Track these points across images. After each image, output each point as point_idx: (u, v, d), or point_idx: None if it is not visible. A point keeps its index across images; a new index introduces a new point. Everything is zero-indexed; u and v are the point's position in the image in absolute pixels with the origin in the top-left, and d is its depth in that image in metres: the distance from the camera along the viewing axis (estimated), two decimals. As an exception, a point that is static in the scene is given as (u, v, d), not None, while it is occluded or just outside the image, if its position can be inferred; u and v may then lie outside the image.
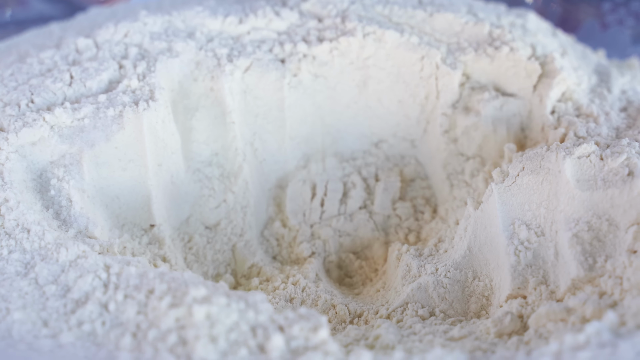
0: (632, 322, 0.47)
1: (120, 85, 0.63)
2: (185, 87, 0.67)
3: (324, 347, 0.46)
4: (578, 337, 0.45)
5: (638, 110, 0.64)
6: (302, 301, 0.61)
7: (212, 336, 0.45)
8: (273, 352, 0.45)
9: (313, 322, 0.47)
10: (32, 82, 0.63)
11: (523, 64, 0.66)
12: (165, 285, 0.49)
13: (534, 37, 0.69)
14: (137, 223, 0.63)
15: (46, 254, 0.52)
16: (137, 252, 0.60)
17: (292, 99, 0.69)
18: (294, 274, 0.64)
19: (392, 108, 0.72)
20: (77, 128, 0.60)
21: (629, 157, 0.55)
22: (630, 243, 0.52)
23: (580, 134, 0.60)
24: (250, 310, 0.47)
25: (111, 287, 0.49)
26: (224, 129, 0.68)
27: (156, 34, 0.69)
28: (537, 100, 0.66)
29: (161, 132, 0.64)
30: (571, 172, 0.56)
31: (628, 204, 0.53)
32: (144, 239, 0.62)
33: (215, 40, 0.69)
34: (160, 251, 0.62)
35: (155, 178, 0.64)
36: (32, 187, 0.59)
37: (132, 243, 0.61)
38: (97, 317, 0.48)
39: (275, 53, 0.69)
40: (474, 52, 0.68)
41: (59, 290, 0.50)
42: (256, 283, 0.64)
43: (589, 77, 0.68)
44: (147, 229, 0.63)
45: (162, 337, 0.45)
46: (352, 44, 0.69)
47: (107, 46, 0.67)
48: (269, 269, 0.66)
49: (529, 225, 0.57)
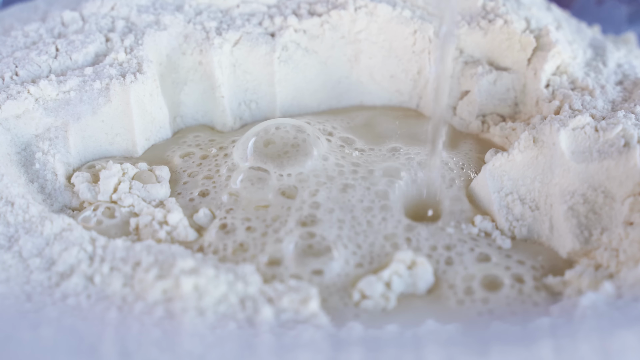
0: (628, 294, 0.46)
1: (107, 58, 0.62)
2: (174, 60, 0.66)
3: (314, 320, 0.45)
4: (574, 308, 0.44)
5: (634, 84, 0.63)
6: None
7: (200, 309, 0.44)
8: (262, 326, 0.44)
9: (303, 293, 0.46)
10: (17, 55, 0.62)
11: (517, 37, 0.65)
12: (152, 257, 0.48)
13: (528, 10, 0.68)
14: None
15: (30, 227, 0.51)
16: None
17: (282, 74, 0.68)
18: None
19: (385, 83, 0.70)
20: (63, 101, 0.59)
21: (624, 128, 0.54)
22: (627, 215, 0.51)
23: (575, 107, 0.59)
24: (239, 282, 0.46)
25: (97, 260, 0.48)
26: (213, 103, 0.67)
27: (144, 7, 0.68)
28: (531, 74, 0.65)
29: (149, 105, 0.63)
30: (566, 144, 0.55)
31: (624, 175, 0.52)
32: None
33: (204, 13, 0.68)
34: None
35: (142, 152, 0.63)
36: (16, 161, 0.58)
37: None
38: (82, 290, 0.47)
39: (265, 26, 0.67)
40: (467, 25, 0.67)
41: (43, 263, 0.49)
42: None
43: (584, 50, 0.67)
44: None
45: (149, 311, 0.44)
46: (344, 17, 0.68)
47: (94, 19, 0.66)
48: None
49: (524, 200, 0.57)
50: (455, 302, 0.50)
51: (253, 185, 0.58)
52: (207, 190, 0.59)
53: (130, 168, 0.58)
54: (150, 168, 0.60)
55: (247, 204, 0.57)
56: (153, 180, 0.59)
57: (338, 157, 0.60)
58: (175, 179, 0.60)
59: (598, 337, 0.40)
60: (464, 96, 0.67)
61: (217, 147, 0.63)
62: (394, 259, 0.51)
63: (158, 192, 0.58)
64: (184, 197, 0.58)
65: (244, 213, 0.56)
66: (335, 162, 0.60)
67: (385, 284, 0.50)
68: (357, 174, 0.59)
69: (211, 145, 0.64)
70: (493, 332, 0.45)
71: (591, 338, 0.40)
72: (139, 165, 0.60)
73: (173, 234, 0.54)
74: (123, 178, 0.57)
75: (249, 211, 0.56)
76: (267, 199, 0.57)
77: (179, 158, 0.62)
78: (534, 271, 0.52)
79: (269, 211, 0.56)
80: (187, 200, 0.58)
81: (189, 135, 0.66)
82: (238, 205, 0.57)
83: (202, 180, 0.60)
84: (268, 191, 0.57)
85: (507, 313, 0.49)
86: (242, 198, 0.57)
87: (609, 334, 0.41)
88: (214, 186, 0.59)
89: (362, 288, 0.50)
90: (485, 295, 0.50)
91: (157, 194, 0.58)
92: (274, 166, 0.58)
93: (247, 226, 0.55)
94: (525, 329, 0.44)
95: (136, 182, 0.58)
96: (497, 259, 0.53)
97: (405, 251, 0.51)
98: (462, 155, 0.63)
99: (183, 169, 0.61)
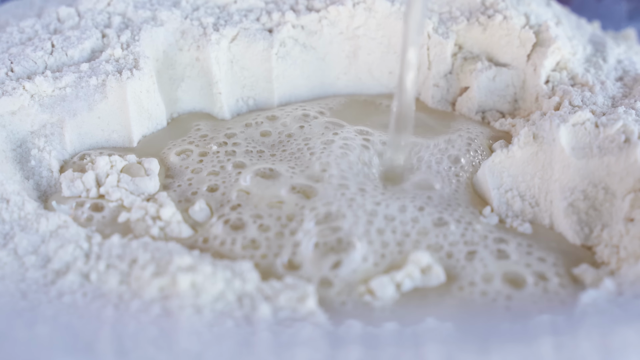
0: (629, 291, 0.46)
1: (104, 54, 0.61)
2: (171, 56, 0.65)
3: (312, 318, 0.45)
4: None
5: (634, 80, 0.63)
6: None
7: (197, 306, 0.44)
8: (260, 323, 0.43)
9: (300, 291, 0.46)
10: (12, 51, 0.61)
11: (517, 33, 0.65)
12: (149, 254, 0.47)
13: (527, 6, 0.67)
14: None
15: (26, 224, 0.51)
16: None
17: (279, 70, 0.67)
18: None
19: (383, 79, 0.70)
20: (59, 97, 0.59)
21: (625, 123, 0.53)
22: (627, 211, 0.51)
23: (575, 103, 0.58)
24: (236, 279, 0.45)
25: (93, 257, 0.48)
26: (211, 99, 0.66)
27: (140, 3, 0.67)
28: (531, 70, 0.64)
29: (145, 102, 0.62)
30: (566, 140, 0.54)
31: (625, 171, 0.52)
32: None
33: (201, 9, 0.67)
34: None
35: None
36: (11, 158, 0.57)
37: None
38: (78, 288, 0.46)
39: (263, 22, 0.67)
40: (467, 21, 0.66)
41: (38, 260, 0.48)
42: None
43: (584, 46, 0.67)
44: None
45: (146, 308, 0.44)
46: (342, 13, 0.67)
47: (90, 15, 0.66)
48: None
49: (523, 197, 0.56)
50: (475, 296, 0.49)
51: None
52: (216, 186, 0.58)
53: (119, 160, 0.57)
54: (139, 160, 0.58)
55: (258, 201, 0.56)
56: (142, 173, 0.57)
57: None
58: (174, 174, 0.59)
59: (599, 334, 0.40)
60: (463, 92, 0.67)
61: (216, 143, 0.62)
62: (408, 259, 0.50)
63: (147, 186, 0.56)
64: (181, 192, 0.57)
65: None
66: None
67: (396, 285, 0.48)
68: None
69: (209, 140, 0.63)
70: (493, 330, 0.45)
71: (592, 335, 0.40)
72: (128, 158, 0.58)
73: (166, 229, 0.53)
74: (111, 171, 0.56)
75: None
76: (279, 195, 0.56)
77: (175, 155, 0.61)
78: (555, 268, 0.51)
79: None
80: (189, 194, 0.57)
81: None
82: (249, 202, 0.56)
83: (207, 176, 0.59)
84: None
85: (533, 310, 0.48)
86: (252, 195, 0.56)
87: (609, 331, 0.40)
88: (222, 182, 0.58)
89: (373, 288, 0.48)
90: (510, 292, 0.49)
91: (145, 187, 0.56)
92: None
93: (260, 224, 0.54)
94: (525, 326, 0.44)
95: (125, 175, 0.56)
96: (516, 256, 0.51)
97: (421, 252, 0.50)
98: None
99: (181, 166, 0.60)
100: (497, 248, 0.51)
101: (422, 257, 0.49)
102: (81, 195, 0.55)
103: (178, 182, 0.58)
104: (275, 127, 0.64)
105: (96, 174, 0.56)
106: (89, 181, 0.55)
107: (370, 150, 0.59)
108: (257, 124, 0.64)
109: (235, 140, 0.62)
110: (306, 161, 0.59)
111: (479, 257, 0.51)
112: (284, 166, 0.58)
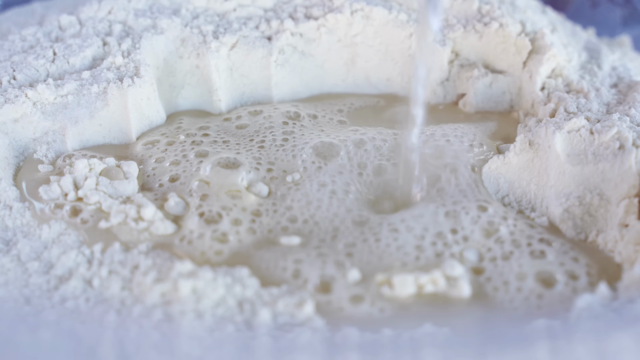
0: (624, 295, 0.46)
1: (105, 62, 0.62)
2: (171, 64, 0.66)
3: (310, 324, 0.45)
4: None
5: (629, 87, 0.63)
6: None
7: (198, 311, 0.44)
8: (260, 328, 0.44)
9: (297, 298, 0.46)
10: (14, 59, 0.62)
11: (513, 40, 0.66)
12: (151, 260, 0.48)
13: (523, 13, 0.68)
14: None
15: (29, 230, 0.51)
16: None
17: (279, 77, 0.68)
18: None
19: (381, 87, 0.71)
20: (61, 105, 0.59)
21: (619, 130, 0.54)
22: (622, 217, 0.52)
23: (570, 110, 0.59)
24: (237, 285, 0.46)
25: (95, 263, 0.49)
26: (211, 107, 0.67)
27: (141, 11, 0.68)
28: (526, 77, 0.65)
29: (146, 109, 0.63)
30: (561, 147, 0.55)
31: (619, 177, 0.52)
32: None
33: (201, 17, 0.68)
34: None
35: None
36: (14, 164, 0.58)
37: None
38: (80, 294, 0.47)
39: (262, 30, 0.68)
40: (463, 28, 0.67)
41: (41, 266, 0.49)
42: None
43: (579, 53, 0.68)
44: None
45: (147, 314, 0.44)
46: (340, 20, 0.68)
47: (91, 23, 0.66)
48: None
49: (520, 203, 0.57)
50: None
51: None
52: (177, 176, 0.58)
53: (98, 164, 0.56)
54: (118, 164, 0.57)
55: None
56: (121, 176, 0.56)
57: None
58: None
59: (594, 338, 0.41)
60: (460, 99, 0.68)
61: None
62: (441, 266, 0.49)
63: (125, 189, 0.55)
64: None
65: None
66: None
67: (418, 287, 0.48)
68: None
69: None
70: (489, 334, 0.45)
71: (587, 340, 0.40)
72: (106, 161, 0.57)
73: (151, 229, 0.52)
74: (90, 174, 0.55)
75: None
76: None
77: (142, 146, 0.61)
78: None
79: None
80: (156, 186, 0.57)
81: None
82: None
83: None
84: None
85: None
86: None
87: (604, 335, 0.41)
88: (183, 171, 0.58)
89: (394, 282, 0.48)
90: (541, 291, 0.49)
91: (124, 190, 0.55)
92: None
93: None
94: (521, 331, 0.44)
95: (103, 178, 0.55)
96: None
97: (454, 263, 0.49)
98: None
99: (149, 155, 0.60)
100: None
101: (453, 268, 0.49)
102: (59, 198, 0.54)
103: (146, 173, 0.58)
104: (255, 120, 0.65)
105: (74, 178, 0.55)
106: (67, 185, 0.55)
107: (366, 144, 0.60)
108: (237, 117, 0.65)
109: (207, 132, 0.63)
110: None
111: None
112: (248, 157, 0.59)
